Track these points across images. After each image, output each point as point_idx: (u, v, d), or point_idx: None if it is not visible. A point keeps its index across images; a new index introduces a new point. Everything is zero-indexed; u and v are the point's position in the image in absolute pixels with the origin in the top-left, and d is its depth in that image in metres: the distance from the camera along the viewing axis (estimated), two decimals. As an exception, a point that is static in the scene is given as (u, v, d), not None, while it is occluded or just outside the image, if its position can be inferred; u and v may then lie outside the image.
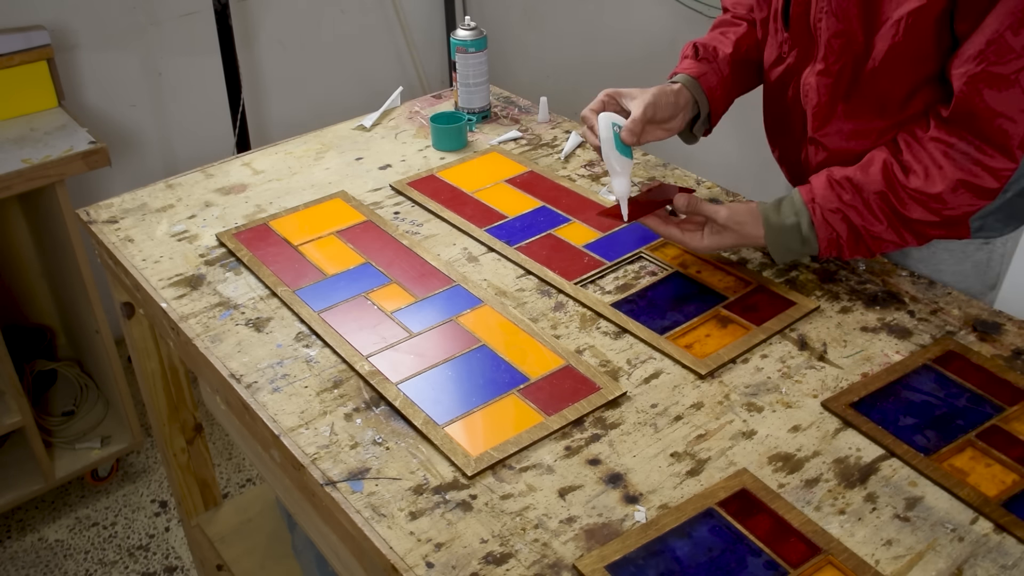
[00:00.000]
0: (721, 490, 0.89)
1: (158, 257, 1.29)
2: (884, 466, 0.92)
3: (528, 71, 2.82)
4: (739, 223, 1.13)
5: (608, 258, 1.24)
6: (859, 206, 1.09)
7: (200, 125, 2.46)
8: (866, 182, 1.08)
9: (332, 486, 0.91)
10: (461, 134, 1.54)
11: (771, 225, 1.13)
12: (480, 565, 0.83)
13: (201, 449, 1.66)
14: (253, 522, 1.71)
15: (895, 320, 1.12)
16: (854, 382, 1.02)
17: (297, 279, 1.22)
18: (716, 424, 0.98)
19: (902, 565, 0.82)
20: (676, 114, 1.25)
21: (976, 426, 0.96)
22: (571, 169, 1.48)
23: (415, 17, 2.80)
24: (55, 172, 1.81)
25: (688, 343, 1.08)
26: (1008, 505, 0.87)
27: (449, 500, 0.90)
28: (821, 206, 1.10)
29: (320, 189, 1.44)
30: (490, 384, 1.03)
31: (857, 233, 1.10)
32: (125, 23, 2.25)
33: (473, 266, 1.25)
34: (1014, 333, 1.09)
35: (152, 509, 2.15)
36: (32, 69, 1.99)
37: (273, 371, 1.07)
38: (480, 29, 1.56)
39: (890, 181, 1.07)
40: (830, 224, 1.10)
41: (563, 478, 0.92)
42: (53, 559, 2.03)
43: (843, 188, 1.09)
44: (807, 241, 1.12)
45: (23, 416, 1.95)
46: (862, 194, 1.08)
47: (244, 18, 2.43)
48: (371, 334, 1.11)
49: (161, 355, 1.52)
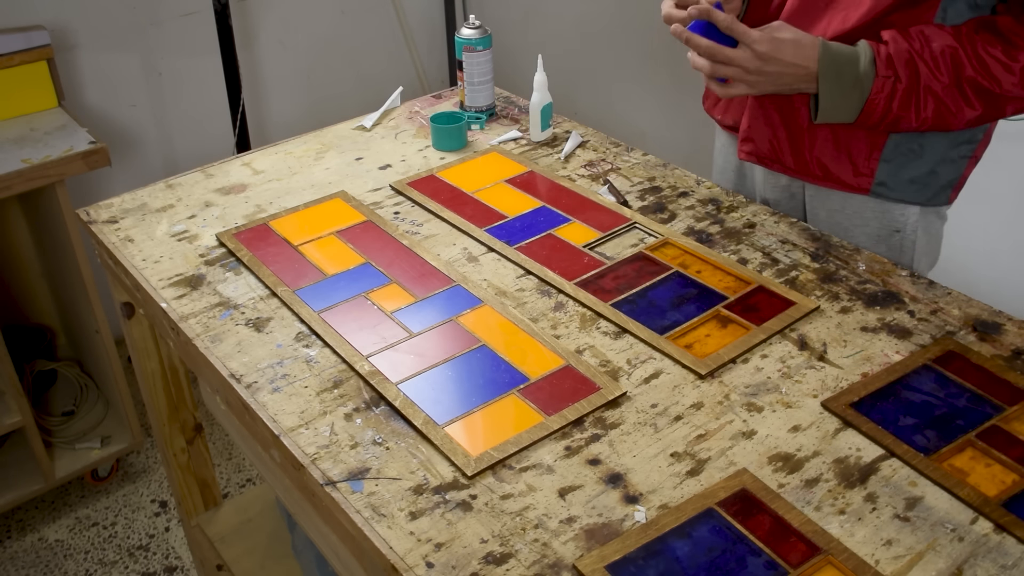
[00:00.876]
0: (721, 490, 0.89)
1: (158, 257, 1.29)
2: (884, 466, 0.92)
3: (528, 71, 2.82)
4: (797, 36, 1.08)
5: (608, 258, 1.24)
6: (927, 56, 1.07)
7: (200, 125, 2.46)
8: (936, 35, 1.07)
9: (332, 486, 0.91)
10: (461, 134, 1.54)
11: (829, 51, 1.08)
12: (480, 565, 0.83)
13: (201, 449, 1.66)
14: (253, 522, 1.71)
15: (895, 320, 1.12)
16: (854, 382, 1.02)
17: (297, 279, 1.22)
18: (716, 424, 0.98)
19: (902, 565, 0.82)
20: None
21: (976, 426, 0.96)
22: (571, 169, 1.48)
23: (415, 17, 2.80)
24: (55, 172, 1.81)
25: (688, 343, 1.08)
26: (1008, 505, 0.87)
27: (449, 500, 0.90)
28: (890, 46, 1.07)
29: (320, 189, 1.44)
30: (490, 384, 1.03)
31: (917, 83, 1.07)
32: (125, 23, 2.25)
33: (473, 266, 1.25)
34: (1014, 333, 1.09)
35: (152, 509, 2.15)
36: (32, 69, 1.99)
37: (273, 371, 1.07)
38: (485, 28, 1.57)
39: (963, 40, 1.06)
40: (895, 66, 1.07)
41: (563, 478, 0.92)
42: (53, 559, 2.03)
43: (913, 37, 1.07)
44: (861, 80, 1.08)
45: (23, 416, 1.95)
46: (930, 45, 1.06)
47: (244, 18, 2.43)
48: (371, 334, 1.11)
49: (161, 355, 1.52)
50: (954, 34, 1.08)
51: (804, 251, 1.25)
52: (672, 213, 1.35)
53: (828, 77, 1.09)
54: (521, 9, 2.75)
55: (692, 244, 1.26)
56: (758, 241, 1.28)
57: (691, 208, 1.36)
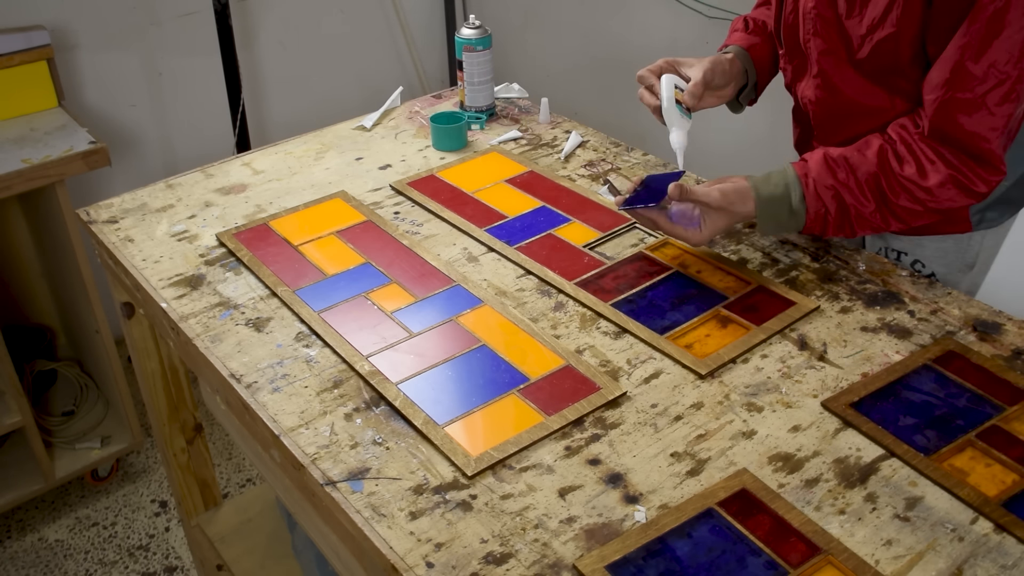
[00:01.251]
0: (721, 490, 0.89)
1: (158, 257, 1.29)
2: (884, 466, 0.92)
3: (528, 71, 2.82)
4: (731, 203, 1.15)
5: (608, 258, 1.24)
6: (852, 186, 1.12)
7: (200, 125, 2.46)
8: (861, 163, 1.12)
9: (332, 486, 0.91)
10: (461, 134, 1.54)
11: (761, 197, 1.15)
12: (480, 565, 0.83)
13: (201, 449, 1.66)
14: (253, 522, 1.71)
15: (895, 320, 1.12)
16: (854, 382, 1.02)
17: (297, 279, 1.22)
18: (716, 424, 0.98)
19: (902, 565, 0.82)
20: (729, 82, 1.32)
21: (976, 426, 0.96)
22: (571, 169, 1.48)
23: (415, 17, 2.80)
24: (55, 172, 1.81)
25: (688, 343, 1.08)
26: (1008, 505, 0.87)
27: (449, 500, 0.90)
28: (816, 181, 1.13)
29: (320, 189, 1.44)
30: (490, 384, 1.03)
31: (845, 212, 1.13)
32: (125, 23, 2.25)
33: (473, 266, 1.25)
34: (1014, 333, 1.09)
35: (152, 509, 2.15)
36: (32, 69, 1.99)
37: (273, 371, 1.07)
38: (484, 27, 1.57)
39: (884, 166, 1.10)
40: (822, 199, 1.13)
41: (563, 478, 0.92)
42: (53, 559, 2.03)
43: (838, 166, 1.12)
44: (795, 214, 1.15)
45: (23, 416, 1.95)
46: (856, 174, 1.12)
47: (244, 18, 2.43)
48: (371, 334, 1.11)
49: (161, 355, 1.52)
50: (877, 158, 1.11)
51: (804, 251, 1.25)
52: (672, 213, 1.35)
53: (765, 218, 1.16)
54: (521, 9, 2.75)
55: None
56: (758, 241, 1.28)
57: (691, 208, 1.36)
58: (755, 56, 1.34)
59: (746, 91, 1.36)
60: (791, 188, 1.14)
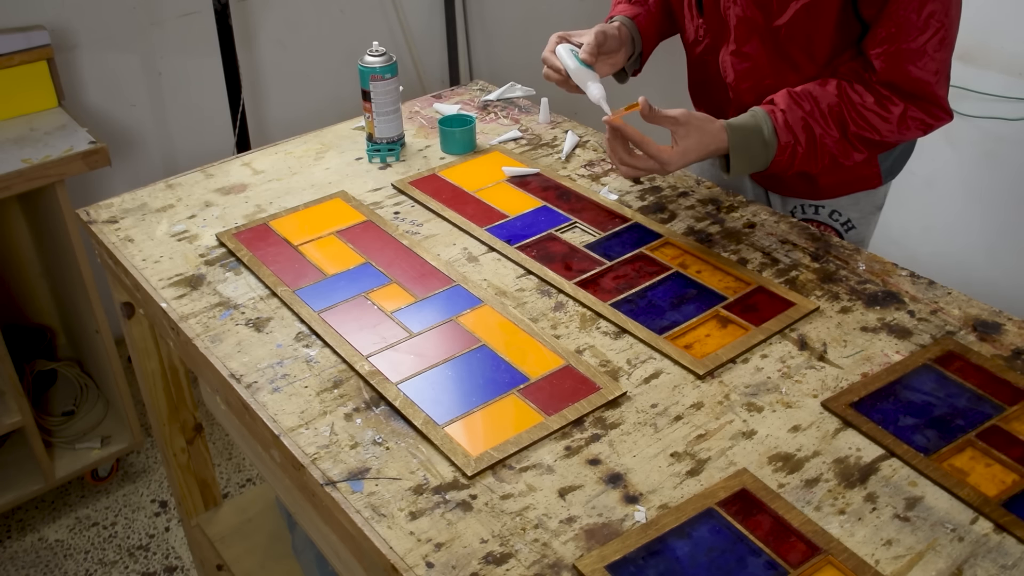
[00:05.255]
0: (721, 490, 0.89)
1: (158, 257, 1.29)
2: (884, 466, 0.92)
3: (528, 71, 2.82)
4: (701, 120, 1.18)
5: (608, 258, 1.24)
6: (818, 116, 1.19)
7: (200, 125, 2.46)
8: (823, 95, 1.20)
9: (332, 486, 0.91)
10: (470, 137, 1.54)
11: (733, 127, 1.19)
12: (480, 565, 0.83)
13: (201, 449, 1.66)
14: (253, 522, 1.71)
15: (895, 320, 1.12)
16: (854, 382, 1.02)
17: (297, 279, 1.22)
18: (716, 424, 0.98)
19: (902, 565, 0.82)
20: (620, 47, 1.38)
21: (976, 426, 0.96)
22: (571, 169, 1.48)
23: (415, 17, 2.80)
24: (55, 172, 1.81)
25: (688, 343, 1.08)
26: (1008, 505, 0.87)
27: (449, 500, 0.90)
28: (786, 112, 1.19)
29: (320, 189, 1.44)
30: (490, 384, 1.03)
31: (813, 142, 1.19)
32: (125, 23, 2.25)
33: (473, 266, 1.25)
34: (1014, 333, 1.09)
35: (152, 509, 2.15)
36: (32, 69, 1.99)
37: (273, 371, 1.07)
38: (389, 54, 1.46)
39: (844, 97, 1.19)
40: (792, 130, 1.19)
41: (563, 478, 0.92)
42: (53, 559, 2.03)
43: (803, 99, 1.19)
44: (767, 145, 1.19)
45: (23, 416, 1.95)
46: (819, 105, 1.19)
47: (244, 18, 2.43)
48: (371, 334, 1.11)
49: (161, 355, 1.52)
50: (837, 91, 1.20)
51: (804, 251, 1.25)
52: (672, 213, 1.35)
53: (738, 151, 1.20)
54: (521, 9, 2.75)
55: (692, 244, 1.26)
56: (758, 241, 1.28)
57: (691, 208, 1.36)
58: (640, 25, 1.41)
59: (632, 60, 1.42)
60: (761, 121, 1.19)
